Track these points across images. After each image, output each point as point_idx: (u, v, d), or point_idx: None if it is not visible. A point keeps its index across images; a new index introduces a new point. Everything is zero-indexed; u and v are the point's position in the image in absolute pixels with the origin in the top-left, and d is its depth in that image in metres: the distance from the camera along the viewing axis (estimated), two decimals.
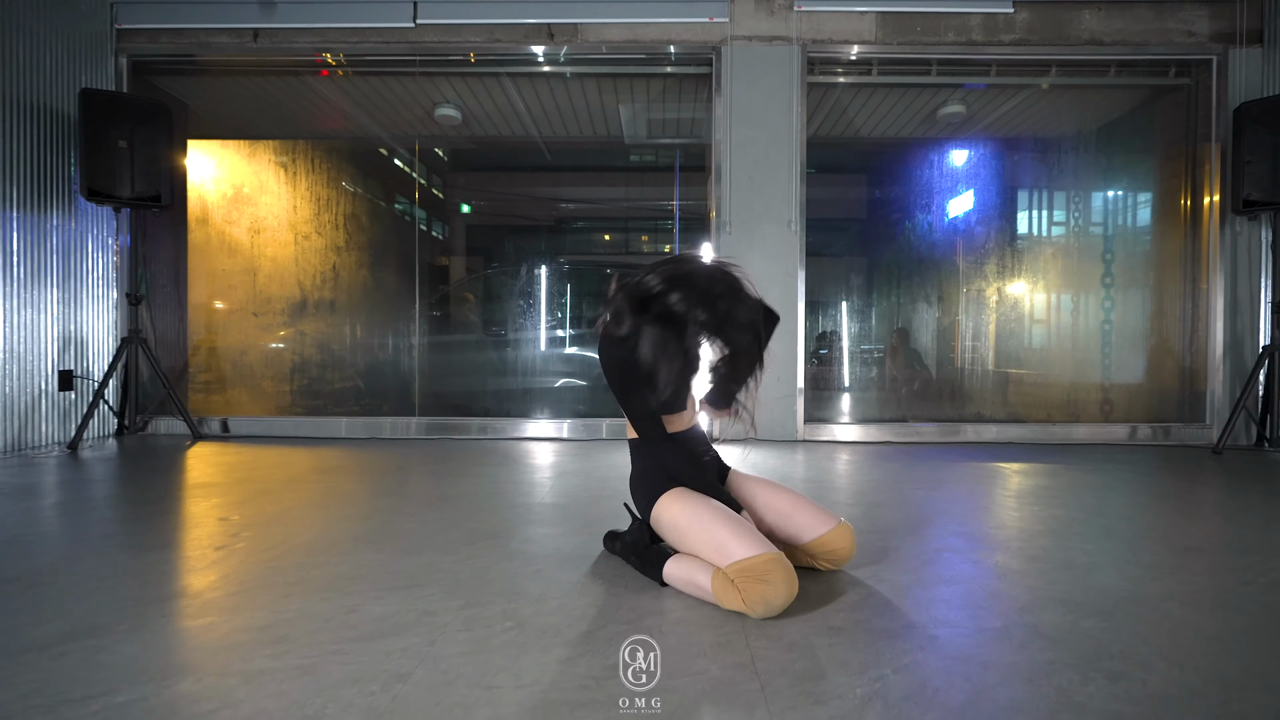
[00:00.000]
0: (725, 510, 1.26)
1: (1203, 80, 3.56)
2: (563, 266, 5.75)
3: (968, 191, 4.36)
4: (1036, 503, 2.13)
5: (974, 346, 4.13)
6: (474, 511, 1.94)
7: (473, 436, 3.56)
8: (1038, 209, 4.31)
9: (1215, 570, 1.47)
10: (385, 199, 4.35)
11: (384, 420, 3.60)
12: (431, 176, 5.33)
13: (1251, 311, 3.44)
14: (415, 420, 3.60)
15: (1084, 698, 0.91)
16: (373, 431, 3.57)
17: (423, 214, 4.38)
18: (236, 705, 0.87)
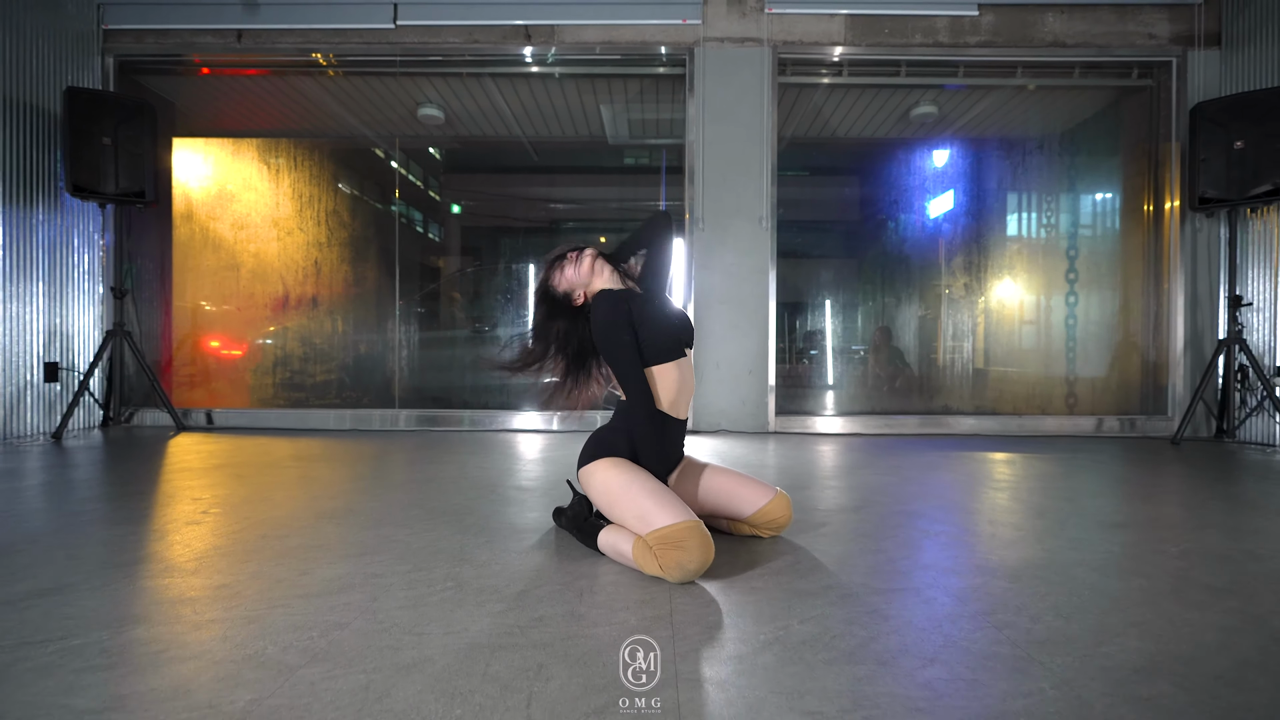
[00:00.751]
0: (653, 482, 1.33)
1: (1163, 81, 3.66)
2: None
3: (946, 193, 4.46)
4: (986, 486, 2.21)
5: (951, 344, 4.23)
6: (438, 493, 2.02)
7: (456, 428, 3.63)
8: (1010, 209, 4.40)
9: (1133, 543, 1.55)
10: (367, 196, 4.43)
11: (370, 413, 3.67)
12: (415, 175, 5.41)
13: (1211, 306, 3.54)
14: (398, 413, 3.67)
15: (968, 642, 0.99)
16: (356, 424, 3.64)
17: (406, 210, 4.46)
18: (184, 647, 0.94)
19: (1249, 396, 3.26)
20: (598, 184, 5.94)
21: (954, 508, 1.89)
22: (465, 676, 0.86)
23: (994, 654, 0.95)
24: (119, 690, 0.82)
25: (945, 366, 4.22)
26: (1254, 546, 1.51)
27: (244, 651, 0.93)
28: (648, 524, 1.25)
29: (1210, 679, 0.89)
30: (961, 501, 1.97)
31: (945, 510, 1.85)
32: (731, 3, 3.55)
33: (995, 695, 0.84)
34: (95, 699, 0.80)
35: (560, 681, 0.85)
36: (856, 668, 0.90)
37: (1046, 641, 1.00)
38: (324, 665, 0.89)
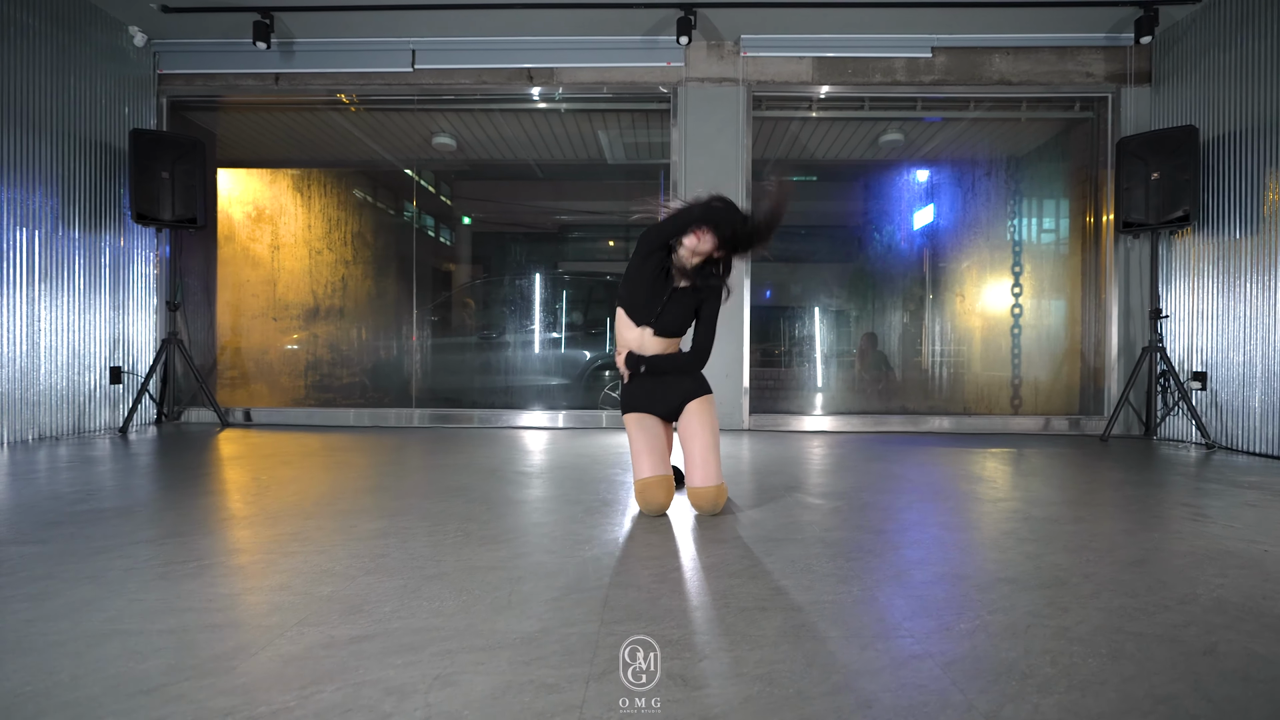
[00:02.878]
0: (646, 434, 1.86)
1: (1102, 114, 4.05)
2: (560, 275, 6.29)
3: (920, 210, 4.87)
4: (902, 475, 2.63)
5: (913, 350, 4.63)
6: (451, 475, 2.47)
7: (467, 425, 4.09)
8: (967, 228, 4.80)
9: (994, 515, 1.97)
10: (388, 218, 4.91)
11: (389, 411, 4.15)
12: (431, 197, 5.89)
13: (1141, 318, 3.92)
14: (414, 411, 4.15)
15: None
16: (375, 421, 4.11)
17: (422, 224, 4.93)
18: (280, 565, 1.40)
19: (1169, 399, 3.64)
20: (601, 196, 6.40)
21: (849, 488, 2.31)
22: (469, 581, 1.31)
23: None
24: (243, 586, 1.28)
25: (917, 370, 4.62)
26: (1085, 514, 1.92)
27: (321, 568, 1.38)
28: (636, 473, 1.84)
29: (1047, 586, 1.31)
30: (861, 484, 2.40)
31: (835, 490, 2.27)
32: (711, 47, 3.99)
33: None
34: (228, 588, 1.26)
35: (512, 572, 1.30)
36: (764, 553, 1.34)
37: (942, 577, 1.43)
38: (375, 576, 1.34)
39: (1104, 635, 1.08)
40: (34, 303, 3.33)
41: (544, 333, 4.92)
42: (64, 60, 3.48)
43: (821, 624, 1.12)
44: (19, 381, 3.26)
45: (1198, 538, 1.69)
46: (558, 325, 4.97)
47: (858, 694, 0.88)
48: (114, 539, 1.58)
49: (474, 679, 0.91)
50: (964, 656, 1.00)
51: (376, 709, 0.83)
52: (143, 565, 1.39)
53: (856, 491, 2.25)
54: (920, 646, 1.03)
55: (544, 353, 4.89)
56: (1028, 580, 1.35)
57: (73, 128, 3.55)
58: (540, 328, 4.95)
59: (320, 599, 1.21)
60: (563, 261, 6.42)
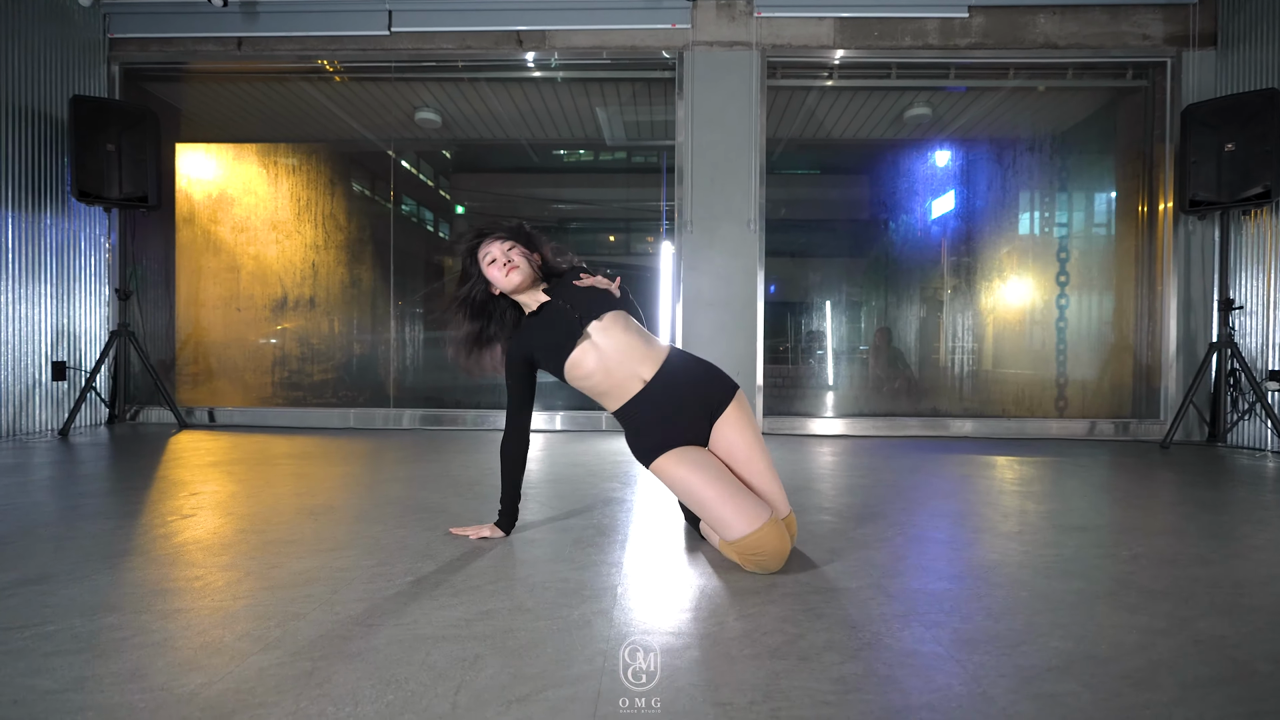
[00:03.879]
0: (718, 479, 1.31)
1: (1158, 82, 3.64)
2: None
3: (943, 195, 4.46)
4: (962, 489, 2.23)
5: (947, 346, 4.23)
6: (418, 490, 2.08)
7: (452, 427, 3.70)
8: (1007, 211, 4.39)
9: (1084, 545, 1.57)
10: (364, 199, 4.50)
11: (367, 411, 3.75)
12: (413, 178, 5.48)
13: (1204, 309, 3.51)
14: (403, 412, 3.75)
15: (893, 640, 1.03)
16: (352, 422, 3.72)
17: (405, 211, 4.53)
18: (148, 634, 1.01)
19: (1240, 400, 3.24)
20: (600, 184, 6.00)
21: (920, 510, 1.92)
22: (401, 666, 0.92)
23: (915, 651, 0.99)
24: (81, 673, 0.89)
25: (942, 369, 4.22)
26: (1206, 551, 1.53)
27: (204, 639, 0.99)
28: (728, 532, 1.29)
29: (1117, 678, 0.92)
30: (931, 504, 2.00)
31: (910, 513, 1.88)
32: (720, 6, 3.58)
33: (904, 691, 0.88)
34: (58, 680, 0.87)
35: (468, 644, 0.91)
36: (777, 663, 0.95)
37: (970, 641, 1.03)
38: (272, 654, 0.95)
39: None
40: None
41: None
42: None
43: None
44: None
45: None
46: None
47: None
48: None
49: None
50: None
51: None
52: (13, 612, 1.00)
53: (907, 517, 1.85)
54: None
55: None
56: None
57: (6, 96, 3.15)
58: None
59: (181, 696, 0.82)
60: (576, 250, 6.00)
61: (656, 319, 3.89)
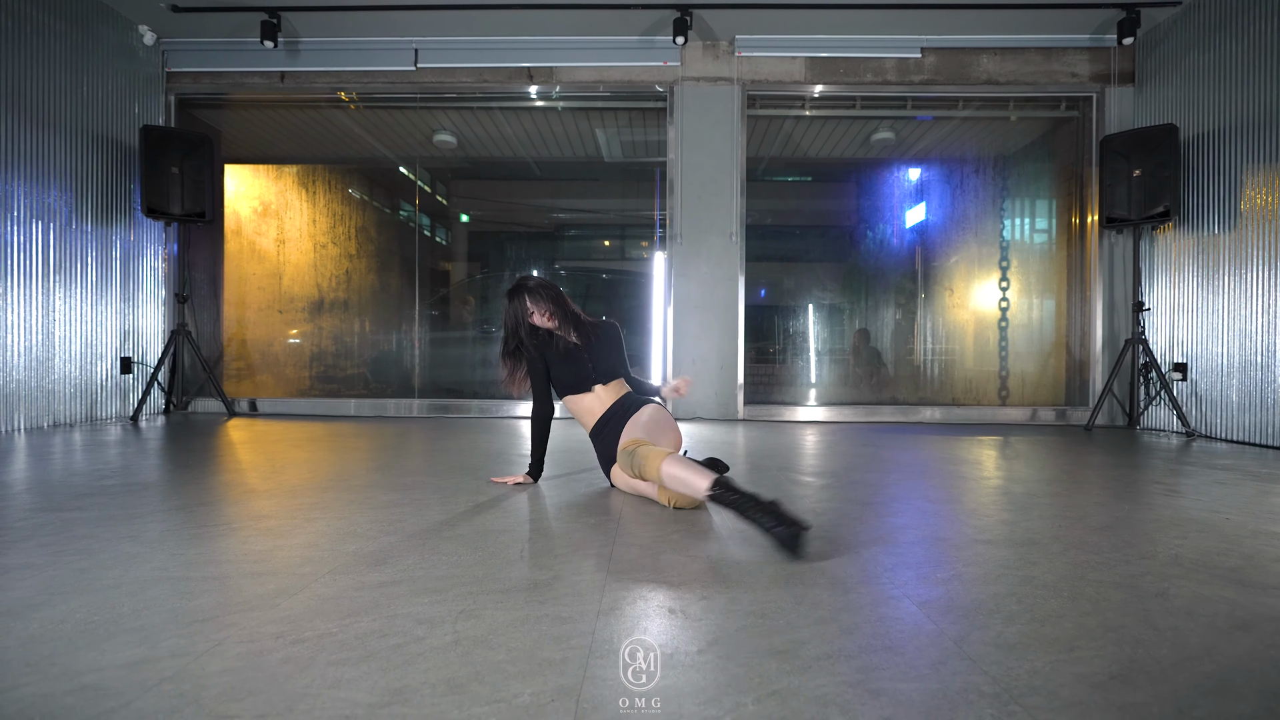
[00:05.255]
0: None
1: (1087, 114, 4.17)
2: (558, 271, 6.38)
3: (913, 208, 4.99)
4: (891, 460, 2.74)
5: (923, 344, 4.75)
6: (457, 457, 2.57)
7: (466, 415, 4.18)
8: (963, 223, 4.92)
9: (976, 491, 2.07)
10: (391, 213, 4.99)
11: (390, 401, 4.24)
12: (435, 194, 5.98)
13: (1125, 311, 4.04)
14: (415, 401, 4.24)
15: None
16: (378, 410, 4.20)
17: (423, 221, 5.02)
18: (304, 528, 1.49)
19: (1150, 389, 3.76)
20: (599, 195, 6.50)
21: (839, 469, 2.42)
22: (480, 538, 1.41)
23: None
24: (274, 544, 1.37)
25: (914, 365, 4.74)
26: (1062, 490, 2.03)
27: (344, 530, 1.48)
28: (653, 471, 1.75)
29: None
30: (851, 465, 2.50)
31: (829, 473, 2.38)
32: (706, 47, 4.10)
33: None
34: (261, 545, 1.35)
35: (523, 533, 1.40)
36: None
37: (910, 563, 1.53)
38: (394, 537, 1.44)
39: (1067, 583, 1.19)
40: (49, 295, 3.41)
41: None
42: (76, 58, 3.56)
43: (810, 575, 1.22)
44: (35, 371, 3.34)
45: (1165, 509, 1.80)
46: None
47: (840, 624, 0.99)
48: (145, 507, 1.67)
49: (495, 613, 1.01)
50: (938, 598, 1.10)
51: (410, 633, 0.93)
52: (177, 528, 1.49)
53: (846, 471, 2.36)
54: (898, 591, 1.14)
55: None
56: (1002, 541, 1.46)
57: (84, 124, 3.63)
58: None
59: (347, 554, 1.30)
60: (560, 259, 6.52)
61: (649, 321, 4.39)
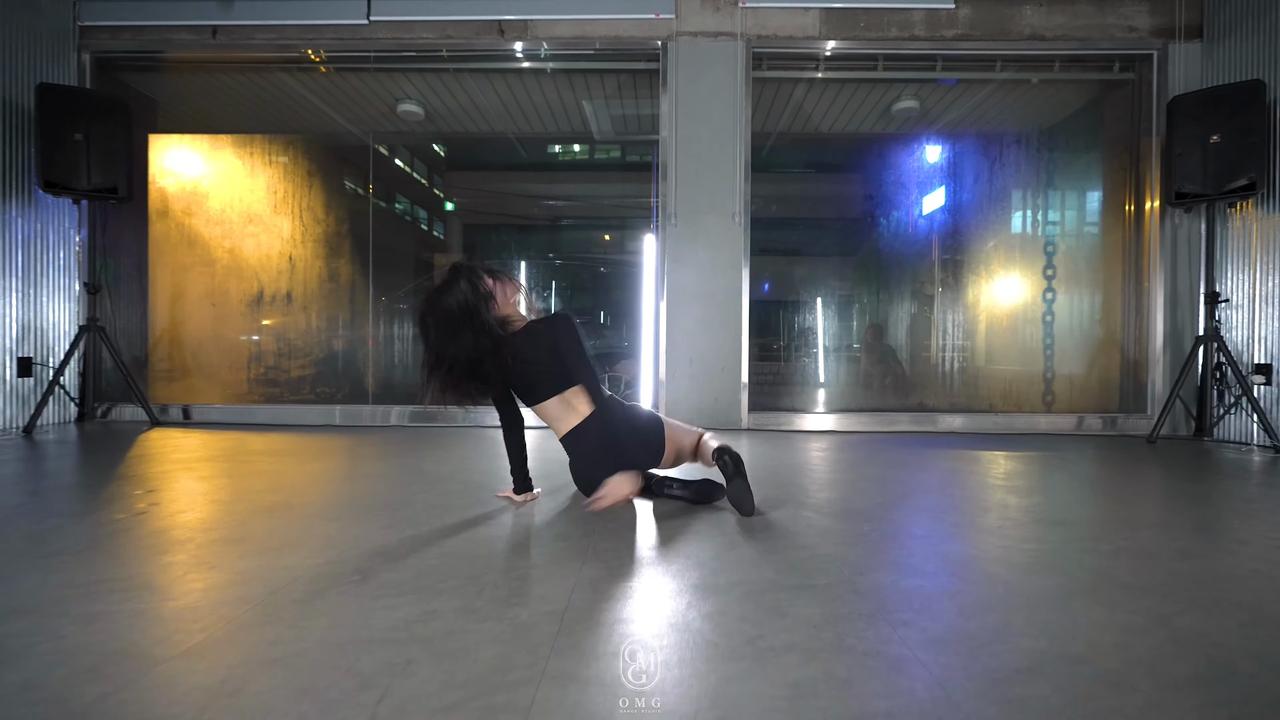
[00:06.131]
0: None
1: (1144, 75, 3.60)
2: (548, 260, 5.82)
3: (932, 191, 4.43)
4: (943, 483, 2.18)
5: (934, 342, 4.19)
6: (385, 488, 2.02)
7: (430, 425, 3.63)
8: (994, 207, 4.36)
9: (1067, 540, 1.52)
10: (344, 192, 4.42)
11: (352, 408, 3.68)
12: (395, 171, 5.41)
13: (1190, 303, 3.48)
14: (373, 409, 3.68)
15: (856, 641, 0.97)
16: (339, 419, 3.64)
17: (385, 205, 4.45)
18: (56, 640, 0.94)
19: (1226, 394, 3.21)
20: (589, 181, 5.94)
21: (899, 505, 1.87)
22: (330, 671, 0.85)
23: (878, 653, 0.94)
24: None
25: (932, 365, 4.19)
26: (1189, 545, 1.48)
27: (114, 645, 0.92)
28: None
29: (1091, 680, 0.87)
30: (910, 499, 1.95)
31: (888, 508, 1.83)
32: None
33: (862, 695, 0.82)
34: None
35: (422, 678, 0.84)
36: (730, 665, 0.89)
37: (938, 641, 0.98)
38: (189, 660, 0.88)
39: None
40: None
41: None
42: None
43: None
44: None
45: None
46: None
47: None
48: None
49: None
50: None
51: None
52: None
53: (882, 510, 1.80)
54: None
55: None
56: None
57: None
58: None
59: (68, 714, 0.75)
60: (550, 250, 5.96)
61: (639, 314, 3.83)
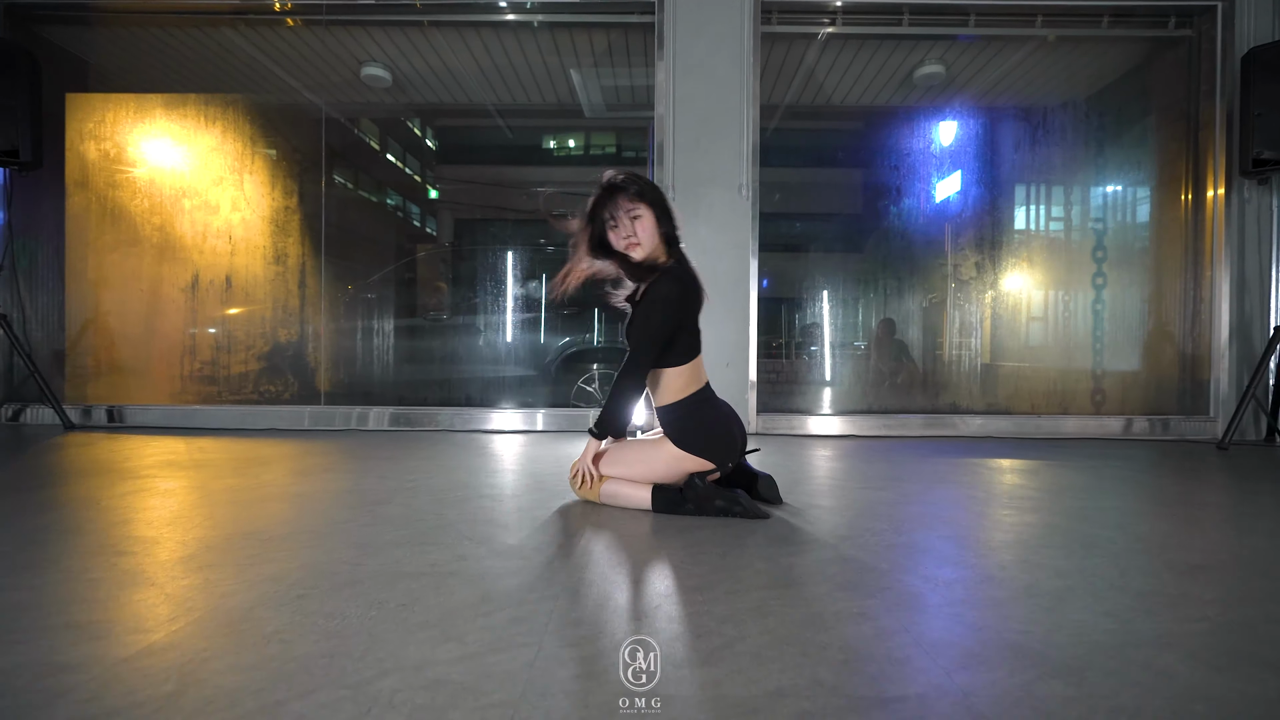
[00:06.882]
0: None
1: (1206, 30, 3.18)
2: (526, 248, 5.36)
3: (955, 170, 4.00)
4: (997, 506, 1.75)
5: (959, 337, 3.77)
6: (293, 515, 1.56)
7: (399, 429, 3.17)
8: (1029, 185, 3.94)
9: (1230, 598, 1.09)
10: (296, 165, 3.94)
11: (299, 410, 3.21)
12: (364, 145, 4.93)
13: (1260, 290, 3.07)
14: (325, 410, 3.21)
15: None
16: (285, 421, 3.18)
17: (344, 185, 3.99)
18: None
19: None
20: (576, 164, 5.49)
21: (953, 539, 1.42)
22: None
23: None
24: None
25: (952, 361, 3.76)
26: None
27: None
28: None
29: None
30: (964, 529, 1.51)
31: (941, 539, 1.39)
32: None
33: None
34: None
35: None
36: None
37: None
38: None
39: None
40: None
41: (496, 313, 4.00)
42: None
43: None
44: None
45: None
46: (521, 305, 4.05)
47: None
48: None
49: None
50: None
51: None
52: None
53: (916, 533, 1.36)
54: None
55: (500, 337, 3.98)
56: None
57: None
58: (498, 307, 4.03)
59: None
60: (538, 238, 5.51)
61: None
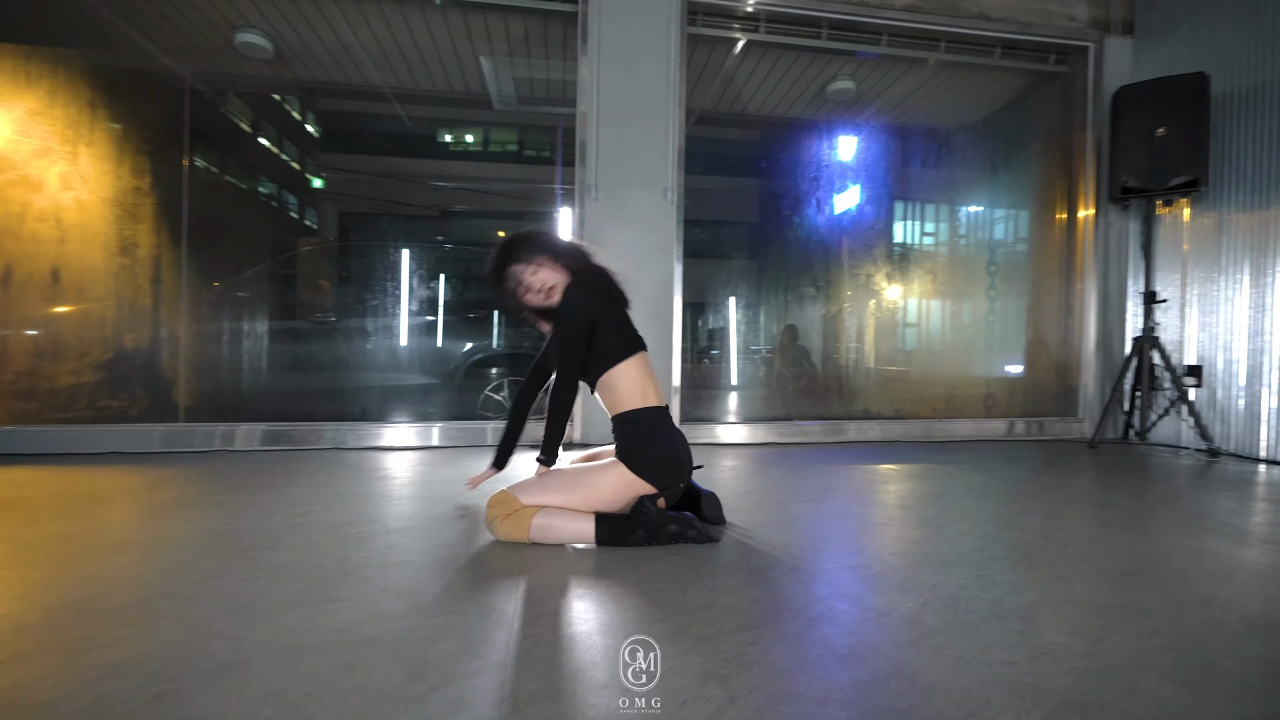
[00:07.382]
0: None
1: (1079, 68, 3.51)
2: (430, 245, 4.98)
3: (857, 183, 4.16)
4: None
5: (855, 345, 3.93)
6: (119, 576, 1.25)
7: (276, 448, 2.76)
8: (922, 202, 4.19)
9: (1167, 607, 1.12)
10: (153, 144, 3.37)
11: (149, 429, 2.70)
12: (231, 123, 4.34)
13: (1120, 304, 3.43)
14: (184, 428, 2.73)
15: None
16: (142, 443, 2.66)
17: (209, 168, 3.46)
18: None
19: (1160, 397, 3.15)
20: (483, 160, 5.18)
21: (904, 555, 1.40)
22: None
23: None
24: None
25: (850, 369, 3.92)
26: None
27: None
28: None
29: None
30: (913, 545, 1.50)
31: (895, 558, 1.36)
32: None
33: None
34: None
35: None
36: None
37: None
38: None
39: None
40: None
41: (392, 316, 3.66)
42: None
43: None
44: None
45: None
46: (424, 307, 3.72)
47: None
48: None
49: None
50: None
51: None
52: None
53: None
54: None
55: (395, 342, 3.63)
56: None
57: None
58: (393, 310, 3.68)
59: None
60: (440, 233, 5.14)
61: None
